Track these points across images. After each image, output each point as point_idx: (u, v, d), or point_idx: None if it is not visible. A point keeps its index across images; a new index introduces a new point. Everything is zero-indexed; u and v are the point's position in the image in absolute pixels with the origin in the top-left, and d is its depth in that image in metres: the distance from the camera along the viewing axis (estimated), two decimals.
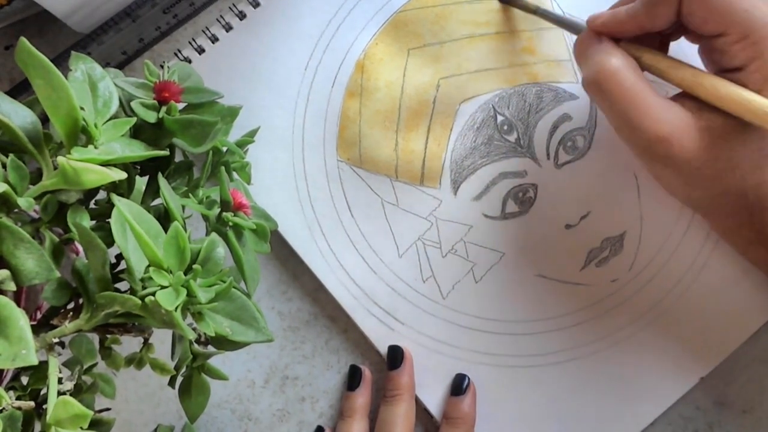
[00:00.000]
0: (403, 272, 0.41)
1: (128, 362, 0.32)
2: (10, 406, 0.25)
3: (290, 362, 0.42)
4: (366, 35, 0.42)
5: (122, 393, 0.41)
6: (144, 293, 0.25)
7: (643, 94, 0.31)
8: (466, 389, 0.39)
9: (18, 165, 0.26)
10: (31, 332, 0.24)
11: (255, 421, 0.42)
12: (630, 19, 0.32)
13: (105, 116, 0.28)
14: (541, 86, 0.41)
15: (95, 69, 0.29)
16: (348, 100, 0.41)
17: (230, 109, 0.35)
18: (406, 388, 0.39)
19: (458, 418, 0.39)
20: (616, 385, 0.40)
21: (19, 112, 0.27)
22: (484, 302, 0.41)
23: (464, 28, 0.41)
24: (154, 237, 0.26)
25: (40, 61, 0.25)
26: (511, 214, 0.41)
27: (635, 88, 0.31)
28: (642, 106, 0.31)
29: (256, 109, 0.41)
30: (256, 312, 0.29)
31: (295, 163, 0.42)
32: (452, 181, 0.41)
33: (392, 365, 0.40)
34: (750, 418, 0.40)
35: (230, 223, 0.32)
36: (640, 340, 0.40)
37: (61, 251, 0.27)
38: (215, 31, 0.42)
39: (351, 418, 0.40)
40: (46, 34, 0.42)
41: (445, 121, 0.41)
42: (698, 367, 0.40)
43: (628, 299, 0.40)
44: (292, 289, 0.42)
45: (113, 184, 0.28)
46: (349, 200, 0.41)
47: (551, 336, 0.40)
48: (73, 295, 0.28)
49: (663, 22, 0.32)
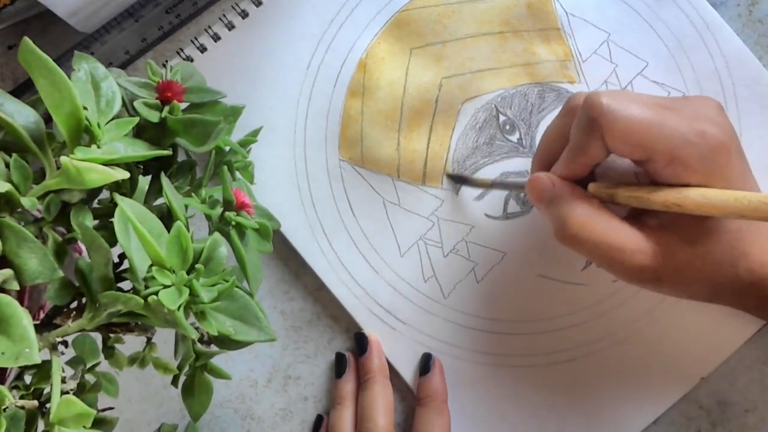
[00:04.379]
0: (404, 272, 0.41)
1: (131, 361, 0.32)
2: (14, 405, 0.25)
3: (293, 362, 0.42)
4: (368, 34, 0.42)
5: (125, 392, 0.41)
6: (147, 293, 0.25)
7: (615, 233, 0.32)
8: (432, 367, 0.40)
9: (21, 164, 0.26)
10: (34, 331, 0.24)
11: (257, 420, 0.42)
12: (572, 163, 0.33)
13: (108, 116, 0.28)
14: (544, 86, 0.41)
15: (98, 68, 0.29)
16: (350, 99, 0.41)
17: (233, 108, 0.35)
18: (377, 371, 0.40)
19: (428, 396, 0.40)
20: (616, 385, 0.40)
21: (23, 112, 0.27)
22: (486, 302, 0.41)
23: (467, 27, 0.41)
24: (156, 236, 0.26)
25: (43, 60, 0.25)
26: (513, 214, 0.41)
27: (606, 231, 0.32)
28: (616, 245, 0.32)
29: (258, 108, 0.41)
30: (259, 311, 0.29)
31: (296, 163, 0.42)
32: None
33: (359, 351, 0.41)
34: (753, 417, 0.40)
35: (233, 223, 0.32)
36: (640, 341, 0.40)
37: (64, 251, 0.27)
38: (218, 30, 0.42)
39: (341, 405, 0.40)
40: (49, 34, 0.42)
41: (447, 120, 0.41)
42: (699, 367, 0.40)
43: (629, 299, 0.40)
44: (295, 288, 0.42)
45: (116, 184, 0.28)
46: (351, 200, 0.41)
47: (552, 336, 0.40)
48: (76, 295, 0.28)
49: (600, 157, 0.32)
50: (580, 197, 0.33)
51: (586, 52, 0.41)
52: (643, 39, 0.41)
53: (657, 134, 0.30)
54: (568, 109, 0.34)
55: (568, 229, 0.32)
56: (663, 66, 0.41)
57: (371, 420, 0.38)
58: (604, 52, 0.41)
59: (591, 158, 0.32)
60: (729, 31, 0.40)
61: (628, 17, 0.41)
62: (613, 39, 0.41)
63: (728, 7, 0.42)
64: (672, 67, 0.41)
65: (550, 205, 0.34)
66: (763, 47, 0.41)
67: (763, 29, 0.41)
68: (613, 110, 0.31)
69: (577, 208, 0.33)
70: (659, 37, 0.41)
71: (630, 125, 0.30)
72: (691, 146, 0.30)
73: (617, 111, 0.31)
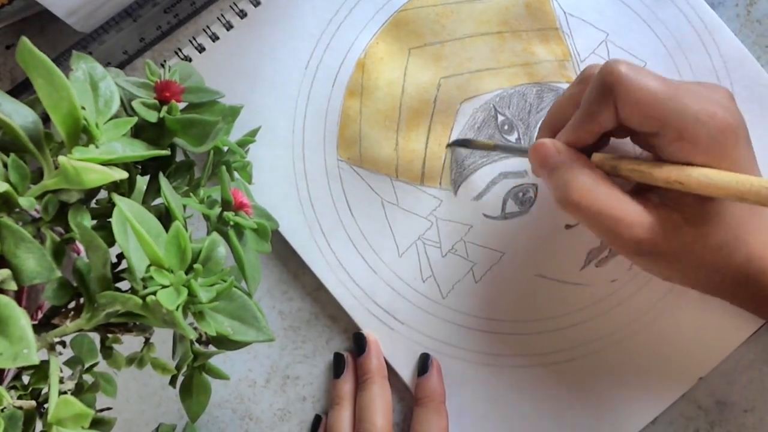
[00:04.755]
0: (403, 272, 0.41)
1: (129, 362, 0.32)
2: (12, 406, 0.25)
3: (291, 362, 0.42)
4: (367, 34, 0.42)
5: (123, 392, 0.41)
6: (145, 293, 0.25)
7: (617, 204, 0.32)
8: (429, 367, 0.40)
9: (19, 164, 0.26)
10: (32, 332, 0.23)
11: (256, 420, 0.42)
12: (582, 127, 0.33)
13: (106, 116, 0.28)
14: (542, 86, 0.41)
15: (96, 68, 0.29)
16: (348, 99, 0.41)
17: (231, 108, 0.35)
18: (375, 371, 0.40)
19: (426, 396, 0.40)
20: (615, 385, 0.40)
21: (21, 112, 0.27)
22: (484, 302, 0.41)
23: (465, 27, 0.41)
24: (155, 236, 0.26)
25: (41, 60, 0.25)
26: (511, 214, 0.41)
27: (608, 202, 0.32)
28: (617, 216, 0.32)
29: (256, 108, 0.41)
30: (257, 311, 0.29)
31: (295, 163, 0.42)
32: (452, 180, 0.41)
33: (358, 352, 0.41)
34: (751, 417, 0.40)
35: (231, 223, 0.32)
36: (638, 341, 0.40)
37: (62, 251, 0.27)
38: (216, 30, 0.42)
39: (339, 405, 0.40)
40: (47, 34, 0.42)
41: (445, 120, 0.41)
42: (697, 367, 0.40)
43: (628, 299, 0.40)
44: (293, 288, 0.42)
45: (114, 184, 0.28)
46: (350, 200, 0.41)
47: (551, 336, 0.40)
48: (75, 295, 0.28)
49: (609, 125, 0.33)
50: (584, 165, 0.33)
51: (585, 52, 0.41)
52: (641, 39, 0.41)
53: (670, 108, 0.30)
54: (583, 78, 0.34)
55: (569, 195, 0.32)
56: (661, 66, 0.41)
57: (369, 420, 0.38)
58: (603, 52, 0.41)
59: (600, 125, 0.32)
60: (727, 31, 0.41)
61: (626, 17, 0.41)
62: (612, 39, 0.41)
63: (726, 7, 0.42)
64: (670, 67, 0.41)
65: (553, 172, 0.34)
66: (762, 47, 0.41)
67: (762, 29, 0.41)
68: (630, 79, 0.31)
69: (580, 175, 0.33)
70: (657, 37, 0.41)
71: (644, 95, 0.31)
72: (701, 125, 0.30)
73: (634, 80, 0.31)
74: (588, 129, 0.33)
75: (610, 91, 0.31)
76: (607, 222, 0.32)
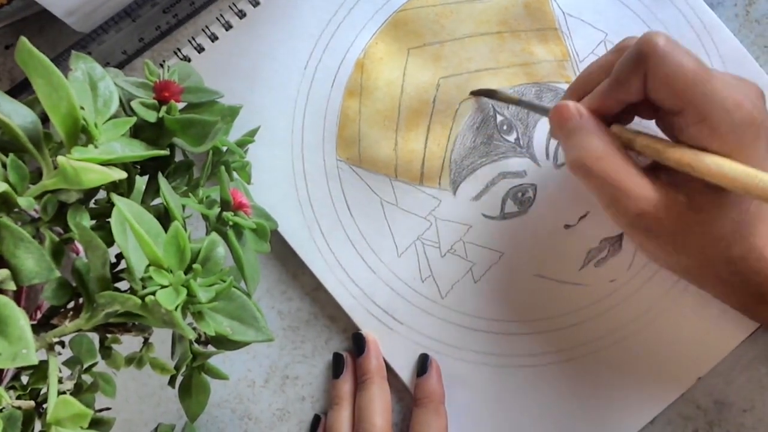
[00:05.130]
0: (402, 272, 0.41)
1: (128, 362, 0.32)
2: (10, 406, 0.25)
3: (290, 362, 0.42)
4: (366, 34, 0.42)
5: (122, 392, 0.41)
6: (144, 293, 0.25)
7: (627, 175, 0.32)
8: (429, 367, 0.40)
9: (18, 164, 0.26)
10: (31, 332, 0.23)
11: (255, 420, 0.42)
12: (609, 94, 0.33)
13: (105, 116, 0.28)
14: (541, 86, 0.41)
15: (95, 68, 0.29)
16: (348, 99, 0.41)
17: (230, 108, 0.35)
18: (375, 371, 0.40)
19: (425, 397, 0.40)
20: (613, 385, 0.40)
21: (19, 112, 0.27)
22: (483, 302, 0.41)
23: (464, 27, 0.41)
24: (154, 236, 0.26)
25: (40, 60, 0.25)
26: (510, 214, 0.41)
27: (619, 172, 0.32)
28: (624, 187, 0.32)
29: (255, 108, 0.41)
30: (256, 311, 0.29)
31: (294, 163, 0.42)
32: (451, 180, 0.41)
33: (357, 352, 0.41)
34: (750, 417, 0.40)
35: (230, 223, 0.32)
36: (637, 341, 0.40)
37: (61, 251, 0.27)
38: (215, 30, 0.42)
39: (339, 405, 0.40)
40: (46, 34, 0.42)
41: (444, 120, 0.41)
42: (696, 367, 0.40)
43: (627, 299, 0.40)
44: (292, 288, 0.42)
45: (113, 184, 0.28)
46: (349, 200, 0.41)
47: (550, 336, 0.40)
48: (74, 295, 0.28)
49: (636, 96, 0.32)
50: (602, 132, 0.33)
51: (584, 52, 0.41)
52: None
53: (699, 89, 0.30)
54: (619, 48, 0.34)
55: (583, 159, 0.32)
56: None
57: (368, 420, 0.39)
58: (602, 52, 0.41)
59: (627, 94, 0.32)
60: (726, 31, 0.41)
61: (625, 17, 0.41)
62: (611, 39, 0.41)
63: (725, 8, 0.42)
64: None
65: (570, 134, 0.34)
66: (761, 47, 0.41)
67: (760, 29, 0.42)
68: (665, 52, 0.31)
69: (597, 141, 0.33)
70: None
71: (676, 71, 0.31)
72: (725, 112, 0.30)
73: (669, 54, 0.31)
74: (614, 96, 0.33)
75: (644, 61, 0.31)
76: (613, 191, 0.32)
